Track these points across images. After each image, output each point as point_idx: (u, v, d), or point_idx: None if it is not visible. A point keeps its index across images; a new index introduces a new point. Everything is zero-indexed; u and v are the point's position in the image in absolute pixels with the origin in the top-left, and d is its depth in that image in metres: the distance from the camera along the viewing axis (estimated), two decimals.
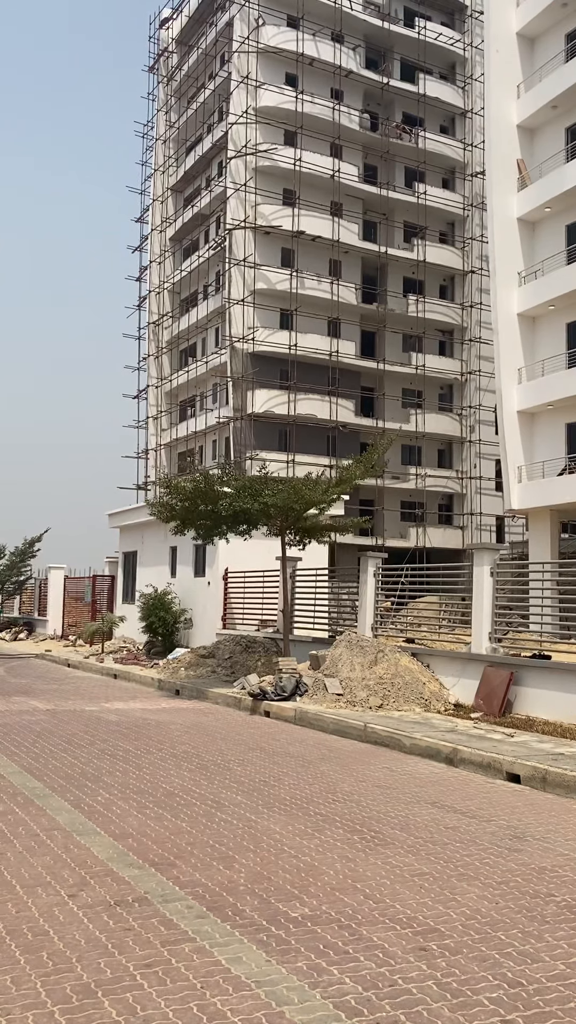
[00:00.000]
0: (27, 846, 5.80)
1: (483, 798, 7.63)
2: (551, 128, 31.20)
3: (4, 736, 10.46)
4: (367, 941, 4.27)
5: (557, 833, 6.46)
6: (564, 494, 28.07)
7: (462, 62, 46.73)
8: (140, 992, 3.66)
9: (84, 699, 14.85)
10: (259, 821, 6.58)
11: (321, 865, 5.50)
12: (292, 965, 3.96)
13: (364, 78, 43.52)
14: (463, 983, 3.82)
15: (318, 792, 7.65)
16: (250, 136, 40.45)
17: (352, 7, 42.76)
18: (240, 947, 4.16)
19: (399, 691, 12.59)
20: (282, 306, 40.56)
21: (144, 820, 6.54)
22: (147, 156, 51.36)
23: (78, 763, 8.78)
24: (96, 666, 21.13)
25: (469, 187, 46.10)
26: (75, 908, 4.66)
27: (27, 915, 4.55)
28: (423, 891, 5.04)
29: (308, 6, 41.17)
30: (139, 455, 48.85)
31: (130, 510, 28.70)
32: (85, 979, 3.78)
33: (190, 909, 4.67)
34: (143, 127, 51.80)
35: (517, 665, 11.86)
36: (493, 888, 5.13)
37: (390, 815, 6.86)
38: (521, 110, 31.45)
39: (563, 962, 4.08)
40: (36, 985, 3.72)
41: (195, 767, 8.70)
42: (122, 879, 5.15)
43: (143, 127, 51.80)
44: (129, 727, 11.51)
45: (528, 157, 31.72)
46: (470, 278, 45.79)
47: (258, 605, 19.76)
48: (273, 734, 11.21)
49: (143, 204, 50.87)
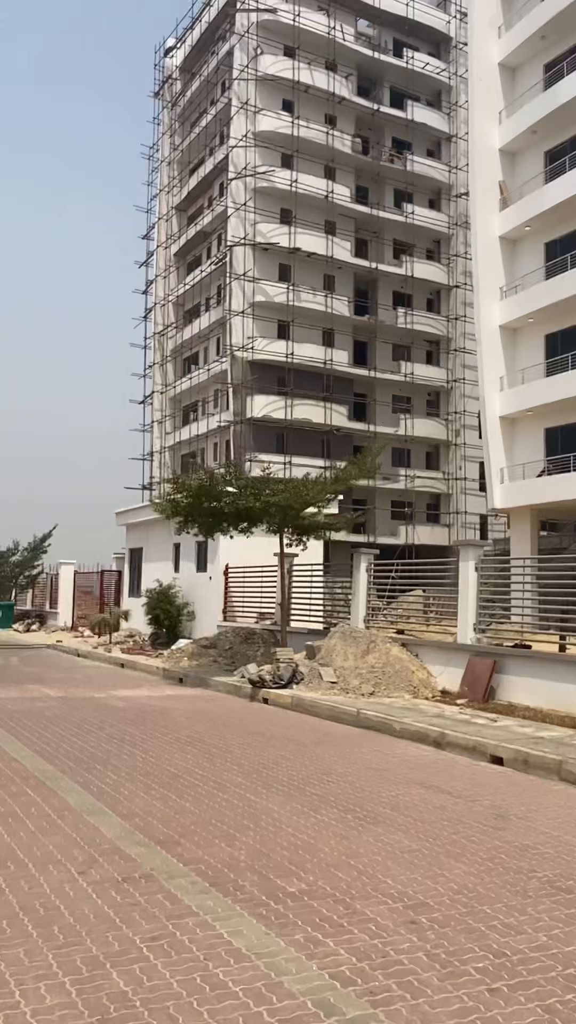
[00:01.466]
0: (39, 826, 5.77)
1: (469, 779, 7.61)
2: (531, 152, 31.20)
3: (17, 722, 10.43)
4: (360, 915, 4.25)
5: (538, 812, 6.44)
6: (543, 494, 28.12)
7: (447, 90, 46.69)
8: (146, 964, 3.64)
9: (93, 687, 14.81)
10: (258, 801, 6.55)
11: (317, 843, 5.47)
12: (290, 938, 3.94)
13: (356, 104, 43.48)
14: (451, 954, 3.80)
15: (314, 774, 7.62)
16: (249, 159, 40.42)
17: (344, 38, 42.71)
18: (241, 921, 4.14)
19: (390, 679, 12.57)
20: (279, 318, 40.52)
21: (150, 801, 6.51)
22: (153, 177, 51.28)
23: (87, 747, 8.75)
24: (104, 656, 21.08)
25: (454, 207, 46.09)
26: (84, 884, 4.63)
27: (39, 891, 4.52)
28: (413, 867, 5.02)
29: (303, 37, 41.15)
30: (145, 457, 48.79)
31: (136, 509, 28.64)
32: (94, 952, 3.76)
33: (194, 885, 4.64)
34: (149, 150, 51.75)
35: (500, 654, 11.85)
36: (479, 864, 5.11)
37: (381, 795, 6.84)
38: (503, 135, 31.45)
39: (545, 934, 4.06)
40: (48, 957, 3.69)
41: (198, 751, 8.67)
42: (129, 857, 5.12)
43: (149, 150, 51.75)
44: (135, 713, 11.48)
45: (509, 179, 31.72)
46: (455, 292, 45.78)
47: (257, 599, 19.72)
48: (271, 720, 11.19)
49: (149, 222, 50.86)
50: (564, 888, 4.72)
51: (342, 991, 3.41)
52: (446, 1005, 3.32)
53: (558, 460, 28.71)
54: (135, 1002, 3.30)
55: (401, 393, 44.45)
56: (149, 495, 42.78)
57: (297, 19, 40.75)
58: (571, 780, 7.50)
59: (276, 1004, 3.29)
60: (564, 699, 10.59)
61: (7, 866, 4.91)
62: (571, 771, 7.54)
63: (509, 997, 3.41)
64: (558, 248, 29.71)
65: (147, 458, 48.68)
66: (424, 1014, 3.24)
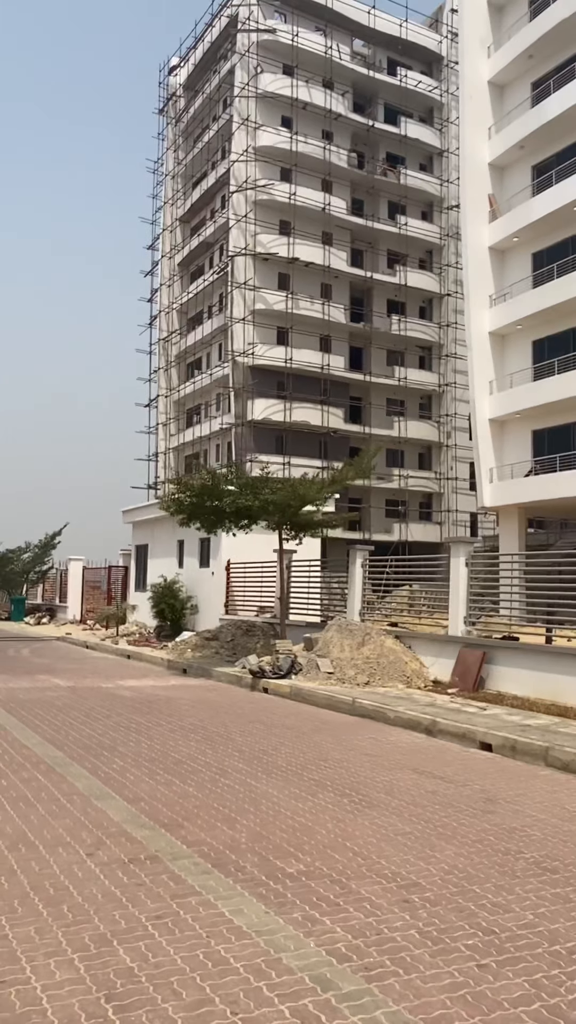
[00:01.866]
0: (49, 810, 5.76)
1: (459, 765, 7.61)
2: (519, 166, 31.17)
3: (29, 710, 10.42)
4: (356, 894, 4.25)
5: (525, 797, 6.44)
6: (530, 493, 28.11)
7: (439, 107, 46.64)
8: (152, 941, 3.64)
9: (101, 677, 14.81)
10: (258, 786, 6.55)
11: (314, 825, 5.48)
12: (288, 916, 3.94)
13: (352, 121, 43.43)
14: (442, 931, 3.81)
15: (311, 760, 7.62)
16: (250, 172, 40.37)
17: (341, 57, 42.67)
18: (241, 900, 4.14)
19: (384, 669, 12.58)
20: (279, 324, 40.49)
21: (155, 785, 6.51)
22: (157, 190, 51.20)
23: (95, 734, 8.75)
24: (111, 648, 21.07)
25: (445, 219, 46.05)
26: (92, 866, 4.63)
27: (49, 872, 4.52)
28: (406, 849, 5.02)
29: (302, 56, 41.11)
30: (150, 458, 48.77)
31: (142, 507, 28.62)
32: (102, 929, 3.76)
33: (196, 866, 4.64)
34: (154, 164, 51.77)
35: (489, 646, 11.86)
36: (469, 846, 5.11)
37: (376, 780, 6.84)
38: (492, 150, 31.41)
39: (532, 912, 4.07)
40: (57, 935, 3.69)
41: (201, 738, 8.67)
42: (135, 839, 5.12)
43: (154, 164, 51.77)
44: (141, 702, 11.48)
45: (498, 192, 31.69)
46: (447, 300, 45.75)
47: (257, 593, 19.72)
48: (271, 708, 11.19)
49: (154, 233, 50.72)
50: (550, 868, 4.73)
51: (338, 967, 3.42)
52: (437, 980, 3.33)
53: (545, 461, 28.72)
54: (141, 977, 3.30)
55: (395, 397, 44.45)
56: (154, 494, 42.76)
57: (295, 39, 40.71)
58: (557, 766, 7.51)
59: (275, 979, 3.30)
60: (550, 688, 10.60)
61: (18, 848, 4.91)
62: (557, 757, 7.55)
63: (498, 972, 3.41)
64: (545, 258, 29.70)
65: (152, 459, 48.66)
66: (417, 989, 3.25)
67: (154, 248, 50.45)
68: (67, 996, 3.14)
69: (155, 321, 49.92)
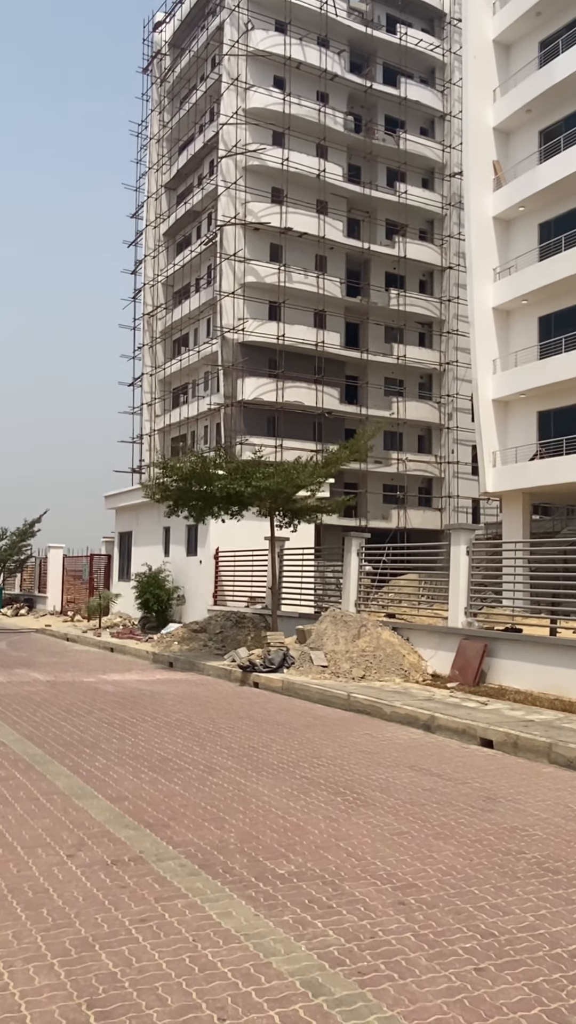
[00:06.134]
0: (28, 809, 5.79)
1: (458, 762, 7.66)
2: (525, 131, 31.03)
3: (6, 706, 10.44)
4: (349, 896, 4.29)
5: (527, 795, 6.50)
6: (535, 478, 28.17)
7: (441, 67, 46.34)
8: (135, 945, 3.67)
9: (82, 671, 14.83)
10: (248, 784, 6.58)
11: (306, 825, 5.51)
12: (279, 919, 3.98)
13: (348, 82, 43.11)
14: (439, 934, 3.84)
15: (304, 757, 7.67)
16: (240, 136, 40.05)
17: (337, 13, 42.29)
18: (230, 902, 4.17)
19: (380, 663, 12.63)
20: (271, 299, 40.32)
21: (139, 784, 6.54)
22: (141, 155, 50.75)
23: (76, 731, 8.77)
24: (94, 640, 21.09)
25: (447, 187, 45.86)
26: (74, 867, 4.65)
27: (28, 874, 4.54)
28: (402, 849, 5.06)
29: (295, 12, 40.72)
30: (134, 440, 48.60)
31: (125, 492, 28.57)
32: (83, 934, 3.78)
33: (183, 867, 4.67)
34: (138, 126, 51.22)
35: (491, 638, 11.92)
36: (467, 846, 5.16)
37: (371, 778, 6.88)
38: (497, 113, 31.24)
39: (532, 914, 4.11)
40: (37, 939, 3.72)
41: (188, 734, 8.70)
42: (118, 839, 5.15)
43: (138, 126, 51.22)
44: (125, 697, 11.50)
45: (504, 158, 31.55)
46: (448, 273, 45.63)
47: (248, 582, 19.75)
48: (262, 703, 11.23)
49: (138, 201, 50.41)
50: (552, 869, 4.77)
51: (330, 971, 3.45)
52: (434, 985, 3.36)
53: (551, 443, 28.77)
54: (124, 983, 3.32)
55: (393, 375, 44.40)
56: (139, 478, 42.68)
57: None
58: (561, 763, 7.57)
59: (265, 984, 3.33)
60: (554, 682, 10.67)
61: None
62: (561, 754, 7.61)
63: (496, 976, 3.45)
64: (552, 229, 29.63)
65: (137, 441, 48.51)
66: (412, 993, 3.28)
67: (138, 217, 50.15)
68: (47, 1003, 3.16)
69: (139, 295, 49.65)
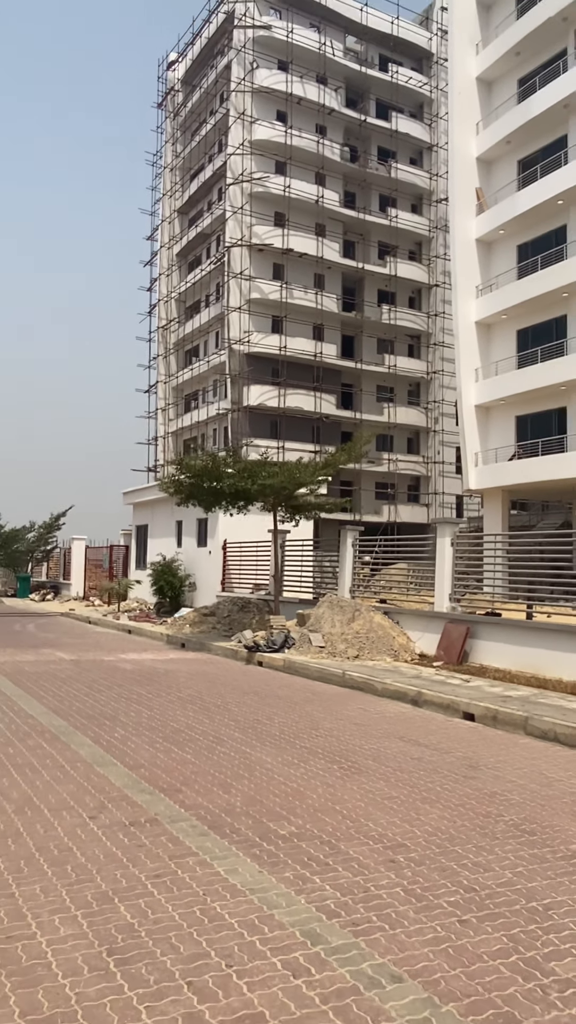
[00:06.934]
0: (54, 776, 5.79)
1: (443, 734, 7.66)
2: (506, 160, 30.90)
3: (34, 682, 10.45)
4: (344, 854, 4.29)
5: (505, 763, 6.50)
6: (513, 476, 28.14)
7: (429, 102, 46.08)
8: (151, 899, 3.67)
9: (103, 651, 14.84)
10: (253, 753, 6.59)
11: (305, 790, 5.51)
12: (281, 875, 3.98)
13: (345, 116, 42.89)
14: (426, 889, 3.85)
15: (303, 729, 7.67)
16: (246, 165, 39.90)
17: (334, 53, 42.07)
18: (236, 860, 4.17)
19: (373, 644, 12.63)
20: (274, 313, 40.21)
21: (155, 753, 6.54)
22: (156, 182, 50.55)
23: (98, 705, 8.78)
24: (113, 623, 21.10)
25: (435, 212, 45.65)
26: (95, 828, 4.66)
27: (53, 834, 4.55)
28: (392, 812, 5.07)
29: (296, 52, 40.53)
30: (149, 442, 48.55)
31: (142, 489, 28.56)
32: (104, 888, 3.79)
33: (194, 828, 4.67)
34: (153, 156, 51.03)
35: (473, 621, 11.91)
36: (451, 810, 5.16)
37: (364, 748, 6.89)
38: (480, 145, 31.12)
39: (510, 871, 4.11)
40: (61, 893, 3.72)
41: (198, 708, 8.70)
42: (136, 803, 5.15)
43: (153, 156, 51.03)
44: (141, 674, 11.51)
45: (486, 186, 31.43)
46: (435, 291, 45.47)
47: (253, 571, 19.74)
48: (265, 680, 11.23)
49: (153, 224, 50.18)
50: (528, 831, 4.78)
51: (327, 922, 3.45)
52: (421, 935, 3.37)
53: (528, 445, 28.73)
54: (140, 933, 3.33)
55: (385, 383, 44.26)
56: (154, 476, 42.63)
57: (290, 35, 40.11)
58: (536, 734, 7.57)
59: (268, 934, 3.33)
60: (530, 661, 10.67)
61: (24, 812, 4.93)
62: (536, 726, 7.61)
63: (478, 927, 3.46)
64: (529, 250, 29.53)
65: (152, 443, 48.46)
66: (401, 943, 3.29)
67: (153, 239, 49.95)
68: (71, 950, 3.17)
69: (154, 310, 49.52)
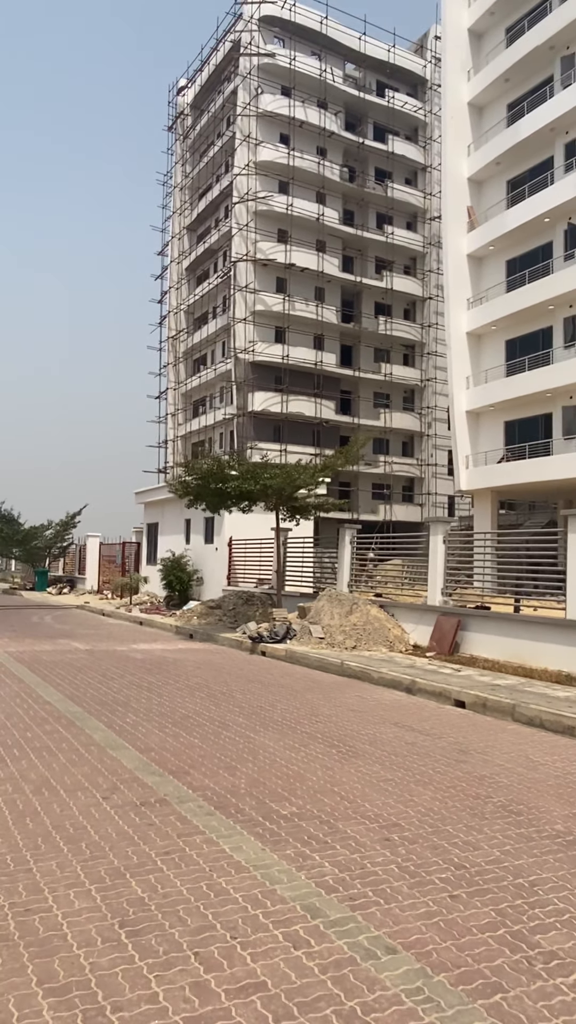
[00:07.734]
0: (69, 758, 5.79)
1: (435, 720, 7.66)
2: (495, 180, 30.85)
3: (51, 671, 10.45)
4: (342, 833, 4.29)
5: (494, 748, 6.49)
6: (502, 478, 28.11)
7: (423, 126, 46.02)
8: (160, 875, 3.67)
9: (115, 641, 14.84)
10: (256, 738, 6.59)
11: (306, 773, 5.51)
12: (282, 852, 3.98)
13: (344, 138, 42.83)
14: (419, 866, 3.84)
15: (304, 715, 7.66)
16: (251, 185, 39.88)
17: (334, 80, 42.02)
18: (241, 838, 4.17)
19: (369, 635, 12.62)
20: (277, 324, 40.19)
21: (164, 737, 6.55)
22: (166, 201, 50.55)
23: (110, 692, 8.78)
24: (125, 615, 21.10)
25: (428, 229, 45.60)
26: (108, 808, 4.66)
27: (69, 813, 4.55)
28: (387, 793, 5.06)
29: (299, 78, 40.49)
30: (160, 445, 48.55)
31: (153, 489, 28.54)
32: (116, 864, 3.79)
33: (201, 808, 4.67)
34: (163, 176, 51.04)
35: (463, 614, 11.90)
36: (443, 791, 5.15)
37: (361, 733, 6.88)
38: (471, 166, 31.08)
39: (498, 850, 4.11)
40: (76, 869, 3.72)
41: (205, 695, 8.71)
42: (146, 784, 5.16)
43: (163, 176, 51.04)
44: (152, 664, 11.51)
45: (476, 204, 31.39)
46: (428, 303, 45.42)
47: (256, 567, 19.74)
48: (268, 669, 11.23)
49: (163, 240, 50.20)
50: (515, 811, 4.77)
51: (326, 897, 3.45)
52: (414, 909, 3.36)
53: (515, 449, 28.70)
54: (151, 906, 3.33)
55: (381, 390, 44.22)
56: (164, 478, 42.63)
57: (293, 63, 40.07)
58: (522, 721, 7.56)
59: (270, 908, 3.33)
60: (517, 652, 10.66)
61: (42, 792, 4.94)
62: (523, 713, 7.60)
63: (468, 902, 3.45)
64: (518, 265, 29.49)
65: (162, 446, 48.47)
66: (396, 916, 3.29)
67: (163, 254, 49.96)
68: (85, 923, 3.17)
69: (164, 321, 49.52)
